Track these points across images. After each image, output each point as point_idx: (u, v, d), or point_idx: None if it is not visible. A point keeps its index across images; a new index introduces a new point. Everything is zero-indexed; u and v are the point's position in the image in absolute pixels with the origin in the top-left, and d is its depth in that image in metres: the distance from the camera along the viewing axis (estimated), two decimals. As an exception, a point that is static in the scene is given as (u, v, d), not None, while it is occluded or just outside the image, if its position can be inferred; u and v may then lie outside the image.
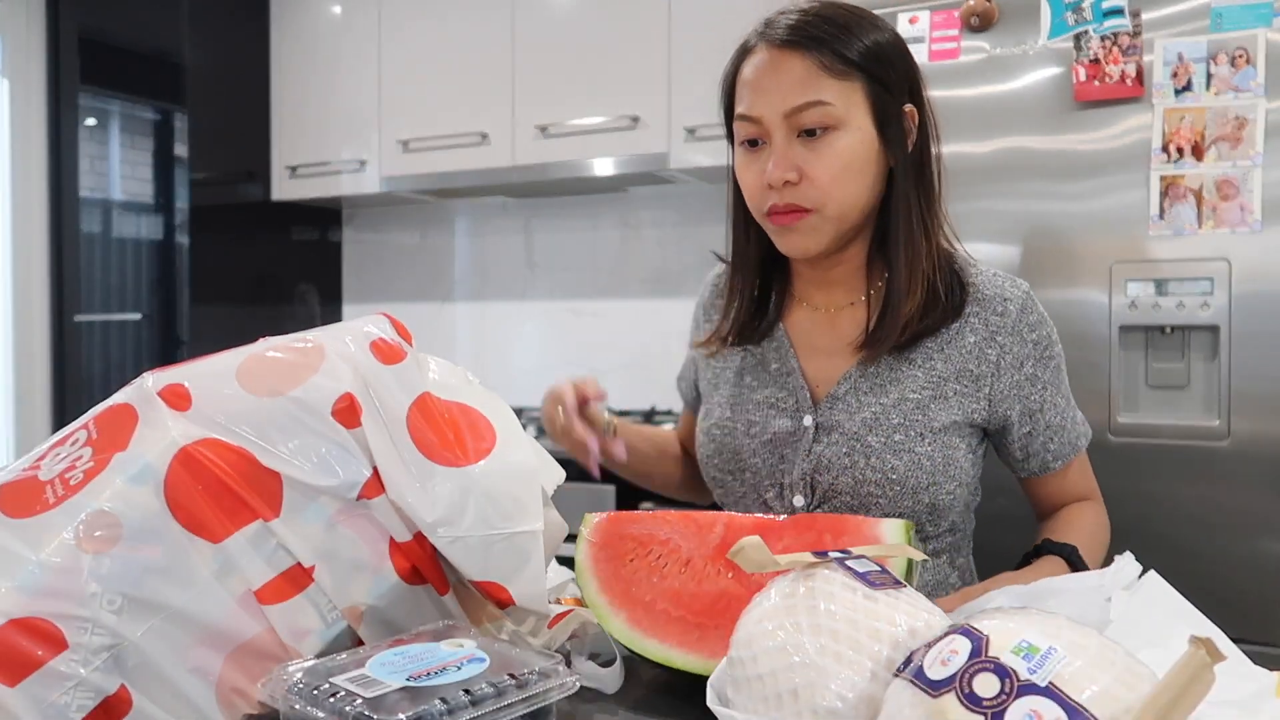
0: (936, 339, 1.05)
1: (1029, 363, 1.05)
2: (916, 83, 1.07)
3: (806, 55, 1.00)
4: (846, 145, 1.01)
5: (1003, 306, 1.05)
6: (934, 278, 1.05)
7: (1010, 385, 1.05)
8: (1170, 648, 0.56)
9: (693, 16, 2.59)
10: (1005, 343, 1.04)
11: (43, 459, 0.75)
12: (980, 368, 1.04)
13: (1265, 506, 1.63)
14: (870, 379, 1.07)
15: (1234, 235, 1.65)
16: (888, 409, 1.04)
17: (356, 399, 0.77)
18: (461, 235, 3.38)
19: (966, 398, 1.04)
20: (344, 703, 0.62)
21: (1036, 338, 1.05)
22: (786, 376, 1.12)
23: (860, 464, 1.04)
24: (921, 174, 1.07)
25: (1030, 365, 1.05)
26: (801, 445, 1.08)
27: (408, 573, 0.79)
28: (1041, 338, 1.05)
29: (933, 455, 1.03)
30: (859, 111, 1.01)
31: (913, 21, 1.90)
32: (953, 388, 1.04)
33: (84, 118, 3.15)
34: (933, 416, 1.04)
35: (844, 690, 0.61)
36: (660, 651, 0.85)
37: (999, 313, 1.05)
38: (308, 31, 3.20)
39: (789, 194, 1.02)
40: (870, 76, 1.01)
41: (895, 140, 1.03)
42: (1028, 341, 1.05)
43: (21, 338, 3.04)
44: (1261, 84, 1.62)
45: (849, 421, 1.06)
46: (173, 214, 3.32)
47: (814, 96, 1.00)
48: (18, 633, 0.66)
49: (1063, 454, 1.08)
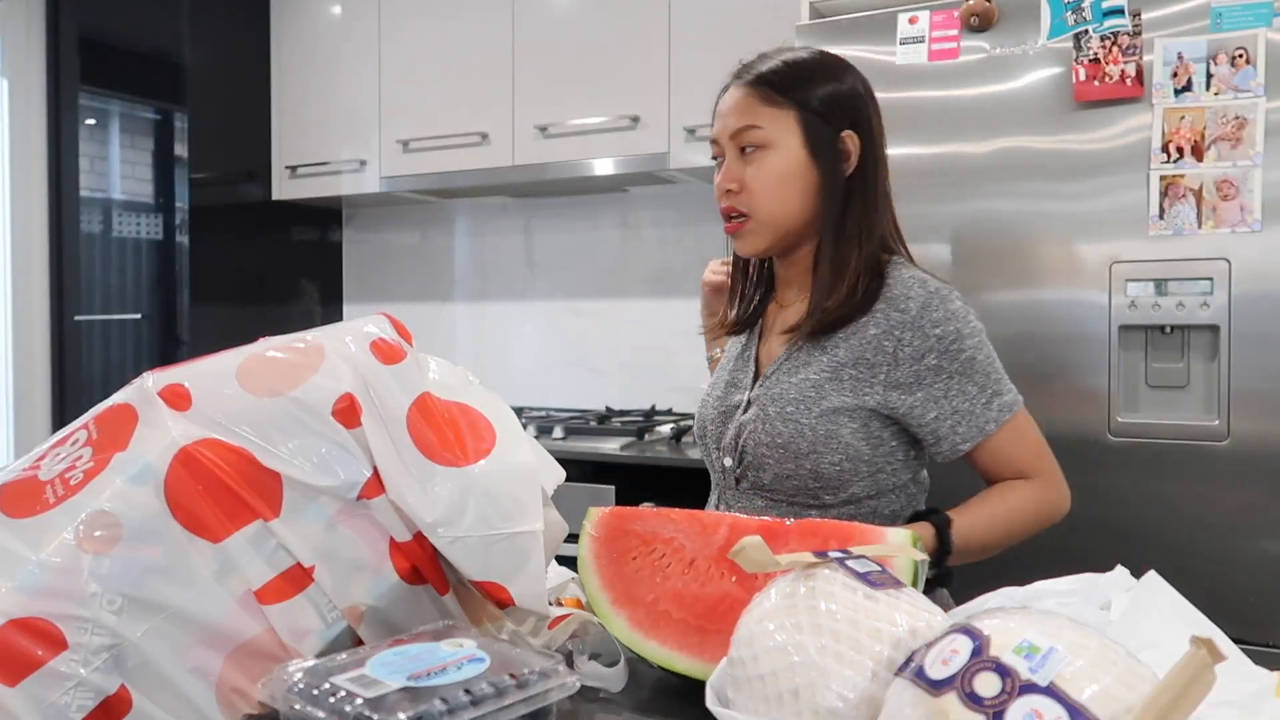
0: (846, 330, 1.21)
1: (931, 355, 1.17)
2: (862, 114, 1.24)
3: (750, 88, 1.23)
4: (776, 163, 1.21)
5: (904, 304, 1.18)
6: (857, 280, 1.21)
7: (910, 375, 1.17)
8: (1170, 648, 0.56)
9: (693, 17, 2.59)
10: (904, 336, 1.17)
11: (43, 459, 0.75)
12: (877, 357, 1.18)
13: (1265, 506, 1.63)
14: (792, 361, 1.24)
15: (1234, 235, 1.65)
16: (793, 386, 1.22)
17: (356, 399, 0.77)
18: (461, 235, 3.38)
19: (861, 383, 1.19)
20: (344, 703, 0.62)
21: (940, 333, 1.17)
22: (746, 359, 1.33)
23: (760, 429, 1.22)
24: (863, 191, 1.23)
25: (934, 357, 1.17)
26: (737, 415, 1.28)
27: (408, 573, 0.79)
28: (947, 333, 1.17)
29: (815, 428, 1.18)
30: (790, 136, 1.21)
31: (913, 21, 1.90)
32: (849, 373, 1.19)
33: (84, 118, 3.15)
34: (825, 395, 1.19)
35: (845, 690, 0.61)
36: (661, 654, 0.85)
37: (900, 309, 1.18)
38: (308, 31, 3.20)
39: (732, 200, 1.24)
40: (803, 107, 1.21)
41: (826, 161, 1.22)
42: (930, 336, 1.17)
43: (21, 338, 3.04)
44: (1261, 84, 1.62)
45: (765, 395, 1.24)
46: (173, 214, 3.31)
47: (748, 121, 1.22)
48: (18, 633, 0.66)
49: (970, 436, 1.18)
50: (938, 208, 1.88)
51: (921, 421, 1.18)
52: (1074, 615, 0.59)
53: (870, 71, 1.98)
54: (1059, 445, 1.78)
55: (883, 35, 1.93)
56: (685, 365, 2.87)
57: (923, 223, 1.90)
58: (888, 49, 1.92)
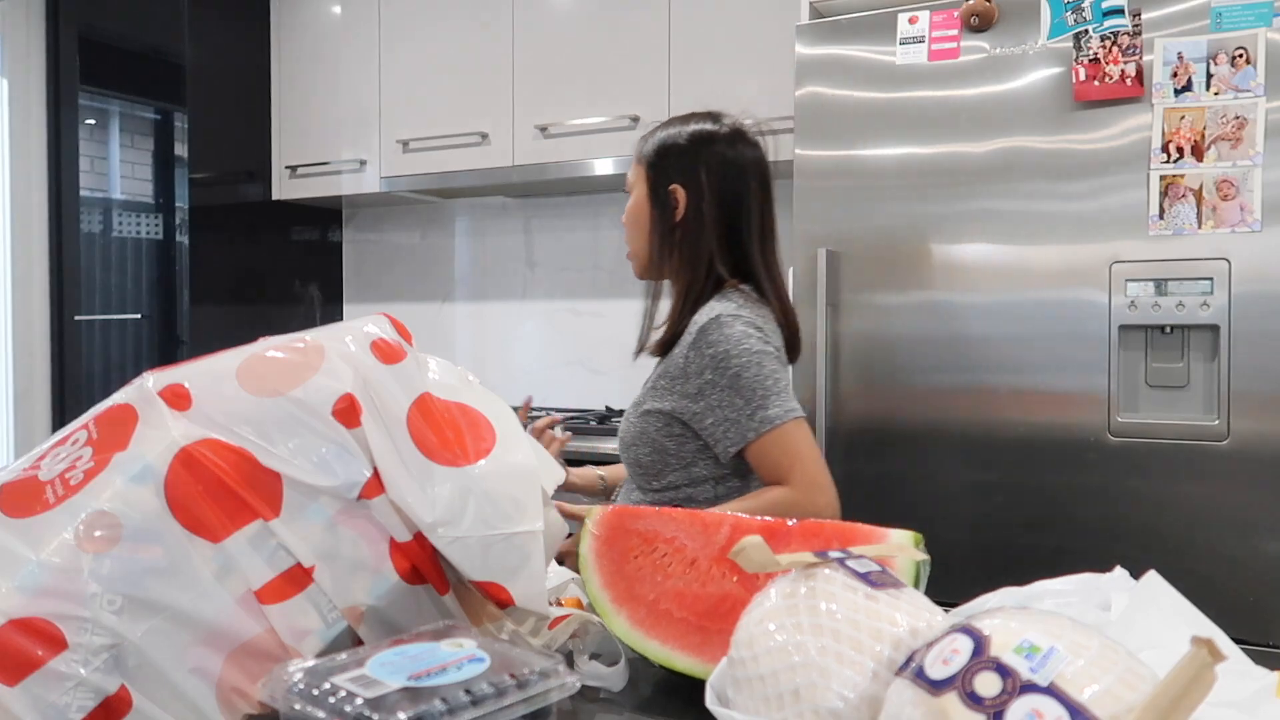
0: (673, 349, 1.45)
1: (708, 371, 1.38)
2: (693, 171, 1.46)
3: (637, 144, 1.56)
4: (630, 205, 1.52)
5: (694, 329, 1.40)
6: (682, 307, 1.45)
7: (694, 387, 1.39)
8: (1171, 648, 0.56)
9: (693, 17, 2.59)
10: (690, 355, 1.39)
11: (43, 459, 0.75)
12: (675, 371, 1.42)
13: (1265, 506, 1.63)
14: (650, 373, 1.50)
15: (1234, 235, 1.65)
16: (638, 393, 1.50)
17: (357, 399, 0.77)
18: (461, 235, 3.38)
19: (665, 391, 1.43)
20: (344, 703, 0.62)
21: (713, 353, 1.37)
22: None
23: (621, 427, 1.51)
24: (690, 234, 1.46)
25: (709, 373, 1.37)
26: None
27: (408, 573, 0.79)
28: (718, 353, 1.37)
29: (631, 426, 1.46)
30: (640, 184, 1.51)
31: (913, 21, 1.90)
32: (661, 383, 1.44)
33: (84, 118, 3.15)
34: (644, 400, 1.46)
35: (845, 690, 0.61)
36: (661, 653, 0.85)
37: (691, 334, 1.41)
38: (308, 31, 3.20)
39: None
40: (649, 164, 1.50)
41: (658, 208, 1.48)
42: (705, 355, 1.38)
43: (21, 337, 3.04)
44: (1261, 84, 1.62)
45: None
46: (173, 214, 3.31)
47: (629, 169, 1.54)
48: (18, 633, 0.66)
49: (736, 441, 1.37)
50: (938, 208, 1.88)
51: (701, 425, 1.39)
52: (1074, 615, 0.59)
53: (870, 71, 2.00)
54: (1059, 445, 1.79)
55: (883, 35, 1.93)
56: (685, 365, 2.87)
57: (923, 223, 1.90)
58: (888, 49, 1.92)
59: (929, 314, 1.90)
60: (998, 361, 1.84)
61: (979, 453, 1.85)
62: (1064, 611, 0.60)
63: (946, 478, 1.88)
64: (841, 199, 1.97)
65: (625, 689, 0.86)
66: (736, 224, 1.46)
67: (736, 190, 1.45)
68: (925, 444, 1.90)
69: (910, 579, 0.79)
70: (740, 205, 1.46)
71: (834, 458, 1.96)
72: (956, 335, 1.87)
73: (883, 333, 1.94)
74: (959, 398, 1.87)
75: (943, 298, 1.89)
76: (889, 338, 1.93)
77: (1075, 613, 0.70)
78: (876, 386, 1.95)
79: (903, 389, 1.92)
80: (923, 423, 1.90)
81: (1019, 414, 1.82)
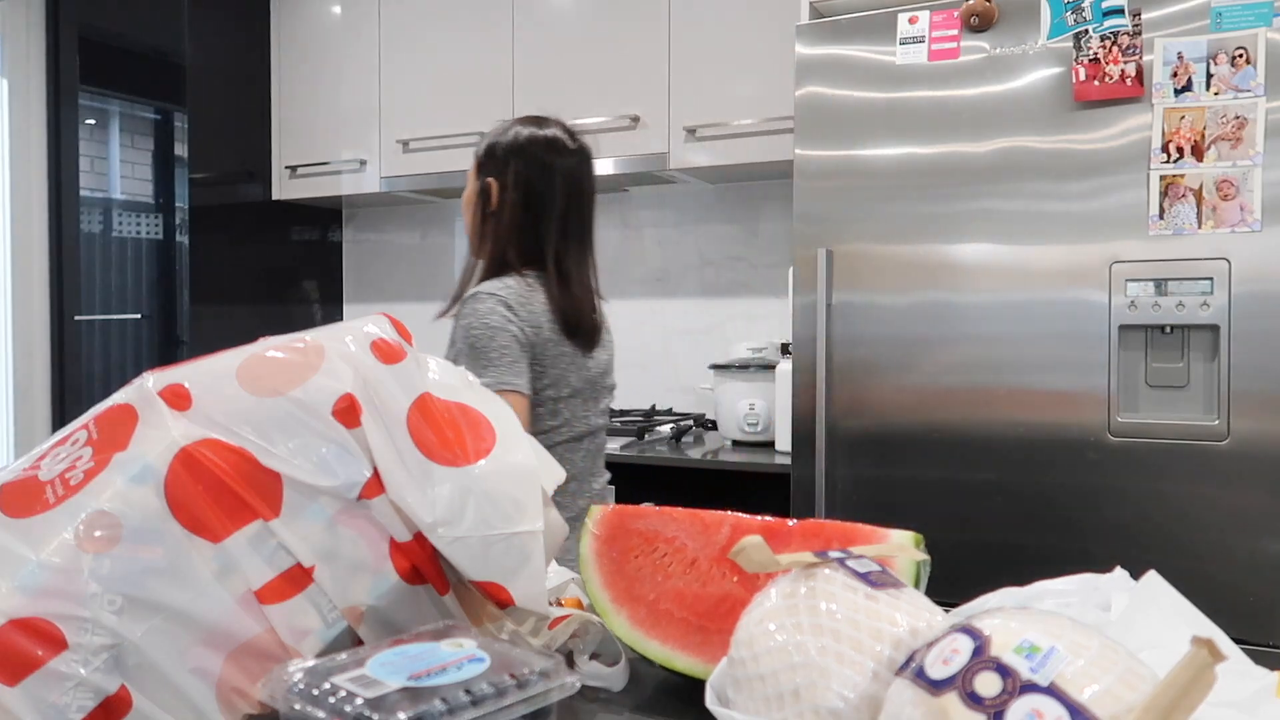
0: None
1: (459, 340, 1.60)
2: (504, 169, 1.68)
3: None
4: (465, 194, 1.76)
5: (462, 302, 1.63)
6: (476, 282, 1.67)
7: (452, 354, 1.60)
8: (1171, 648, 0.56)
9: (693, 17, 2.59)
10: (454, 324, 1.62)
11: (43, 459, 0.75)
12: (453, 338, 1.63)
13: (1265, 506, 1.63)
14: None
15: (1234, 235, 1.65)
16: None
17: (357, 399, 0.77)
18: (461, 235, 3.37)
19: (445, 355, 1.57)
20: (344, 703, 0.62)
21: (464, 324, 1.59)
22: None
23: None
24: (495, 223, 1.69)
25: (460, 341, 1.59)
26: None
27: (408, 573, 0.79)
28: (465, 325, 1.58)
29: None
30: (471, 177, 1.74)
31: (913, 21, 1.90)
32: (452, 349, 1.62)
33: (84, 118, 3.15)
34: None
35: (845, 690, 0.61)
36: (662, 653, 0.85)
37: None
38: (308, 31, 3.20)
39: None
40: (477, 159, 1.73)
41: (481, 198, 1.71)
42: (459, 326, 1.60)
43: (21, 337, 3.04)
44: (1261, 84, 1.62)
45: None
46: (173, 214, 3.32)
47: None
48: (18, 633, 0.66)
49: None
50: (938, 208, 1.88)
51: None
52: (1074, 615, 0.59)
53: (870, 71, 2.00)
54: (1059, 445, 1.79)
55: (883, 35, 1.93)
56: (685, 365, 2.87)
57: (923, 223, 1.90)
58: (888, 49, 1.92)
59: (929, 314, 1.90)
60: (998, 361, 1.84)
61: (979, 453, 1.85)
62: (1064, 611, 0.60)
63: (947, 478, 1.88)
64: (841, 199, 1.97)
65: (625, 689, 0.86)
66: (536, 219, 1.67)
67: (539, 190, 1.67)
68: (925, 444, 1.90)
69: (910, 579, 0.79)
70: (542, 203, 1.67)
71: (834, 457, 1.96)
72: (956, 335, 1.87)
73: (882, 333, 1.94)
74: (959, 397, 1.87)
75: (943, 298, 1.89)
76: (889, 338, 1.93)
77: (1075, 613, 0.70)
78: (876, 386, 1.95)
79: (902, 389, 1.92)
80: (923, 422, 1.90)
81: (1019, 414, 1.82)
